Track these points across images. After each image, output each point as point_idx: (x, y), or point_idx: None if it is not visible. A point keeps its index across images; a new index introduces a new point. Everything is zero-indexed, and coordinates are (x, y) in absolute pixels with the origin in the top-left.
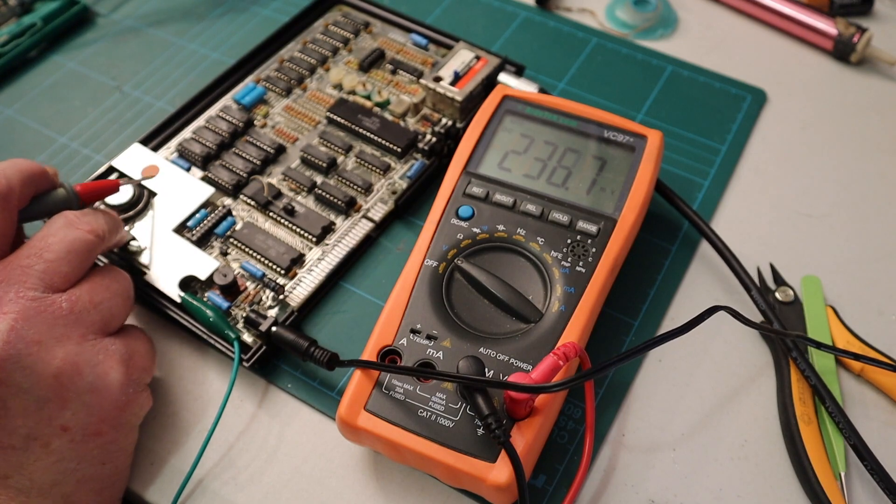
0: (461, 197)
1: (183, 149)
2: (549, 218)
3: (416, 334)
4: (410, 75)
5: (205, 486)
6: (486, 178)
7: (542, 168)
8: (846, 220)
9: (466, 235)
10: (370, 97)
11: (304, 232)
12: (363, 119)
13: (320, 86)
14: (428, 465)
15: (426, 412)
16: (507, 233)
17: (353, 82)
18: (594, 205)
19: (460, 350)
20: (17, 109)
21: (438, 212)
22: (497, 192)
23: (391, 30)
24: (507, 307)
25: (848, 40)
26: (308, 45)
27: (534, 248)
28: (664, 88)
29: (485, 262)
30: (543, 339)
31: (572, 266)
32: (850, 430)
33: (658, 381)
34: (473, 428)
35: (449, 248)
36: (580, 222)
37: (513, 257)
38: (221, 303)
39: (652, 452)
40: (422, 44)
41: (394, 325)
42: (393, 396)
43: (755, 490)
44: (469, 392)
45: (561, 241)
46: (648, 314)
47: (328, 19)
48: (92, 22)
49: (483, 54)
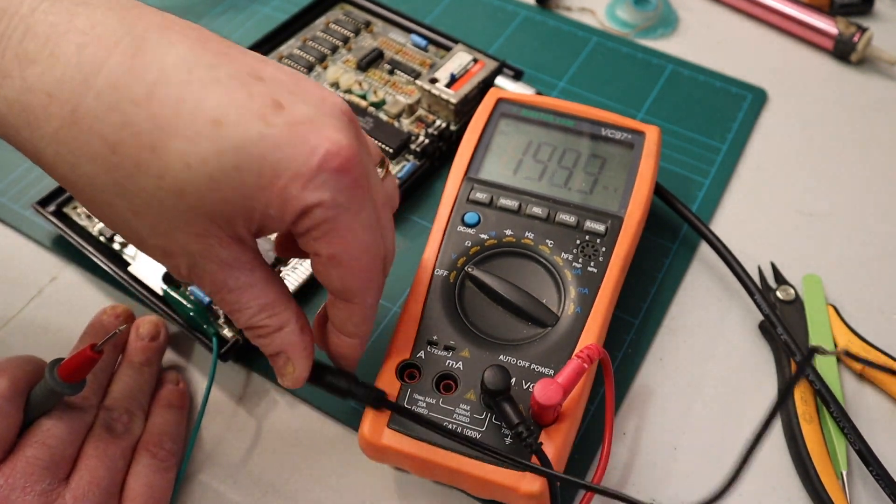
0: (465, 203)
1: None
2: (556, 220)
3: (433, 346)
4: (408, 76)
5: (192, 478)
6: (489, 182)
7: (542, 170)
8: (847, 219)
9: (474, 242)
10: (366, 97)
11: None
12: (357, 118)
13: None
14: (457, 478)
15: (451, 425)
16: (516, 237)
17: (349, 81)
18: (599, 204)
19: (480, 359)
20: None
21: (444, 219)
22: (501, 197)
23: (392, 29)
24: (522, 312)
25: (848, 40)
26: (308, 43)
27: (543, 251)
28: (664, 88)
29: (496, 268)
30: (562, 343)
31: (584, 267)
32: (855, 434)
33: (659, 379)
34: (501, 437)
35: (458, 257)
36: (587, 222)
37: (523, 262)
38: (203, 297)
39: (653, 451)
40: (421, 45)
41: (409, 339)
42: (416, 411)
43: (756, 489)
44: (496, 401)
45: (570, 242)
46: (649, 313)
47: (329, 17)
48: None
49: (481, 57)
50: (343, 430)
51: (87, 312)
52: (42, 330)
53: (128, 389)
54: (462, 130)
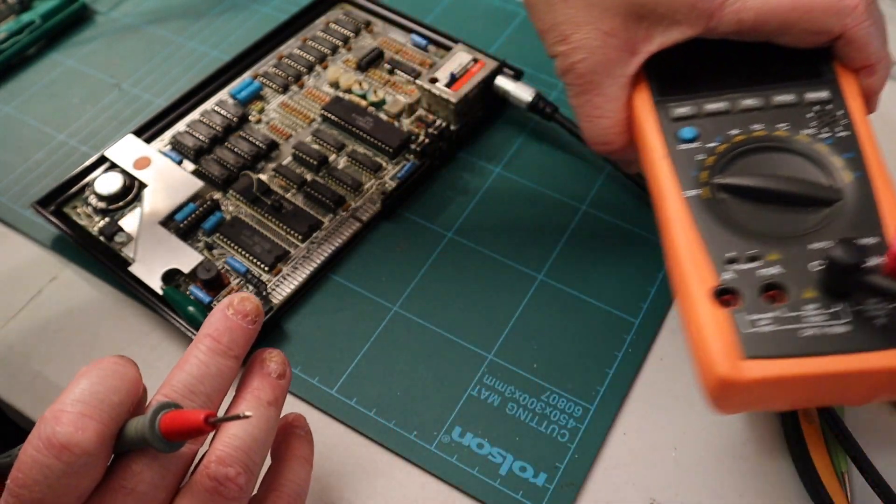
0: (673, 123)
1: (176, 141)
2: (774, 103)
3: (734, 262)
4: (408, 76)
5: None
6: (680, 97)
7: (729, 70)
8: None
9: (707, 153)
10: (366, 96)
11: (290, 229)
12: (357, 118)
13: (317, 83)
14: (845, 387)
15: (810, 330)
16: (745, 134)
17: (349, 81)
18: (796, 77)
19: (792, 256)
20: (15, 107)
21: (659, 145)
22: (705, 103)
23: (392, 29)
24: (800, 199)
25: None
26: (308, 43)
27: (781, 136)
28: None
29: (744, 171)
30: (861, 209)
31: (833, 134)
32: (851, 442)
33: (659, 379)
34: (869, 320)
35: (698, 172)
36: (807, 93)
37: (767, 155)
38: (203, 297)
39: (653, 451)
40: (421, 44)
41: (703, 266)
42: (760, 332)
43: (757, 489)
44: (856, 279)
45: (801, 118)
46: (649, 312)
47: (330, 17)
48: (91, 19)
49: (481, 57)
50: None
51: (87, 312)
52: (42, 330)
53: (251, 438)
54: (462, 130)
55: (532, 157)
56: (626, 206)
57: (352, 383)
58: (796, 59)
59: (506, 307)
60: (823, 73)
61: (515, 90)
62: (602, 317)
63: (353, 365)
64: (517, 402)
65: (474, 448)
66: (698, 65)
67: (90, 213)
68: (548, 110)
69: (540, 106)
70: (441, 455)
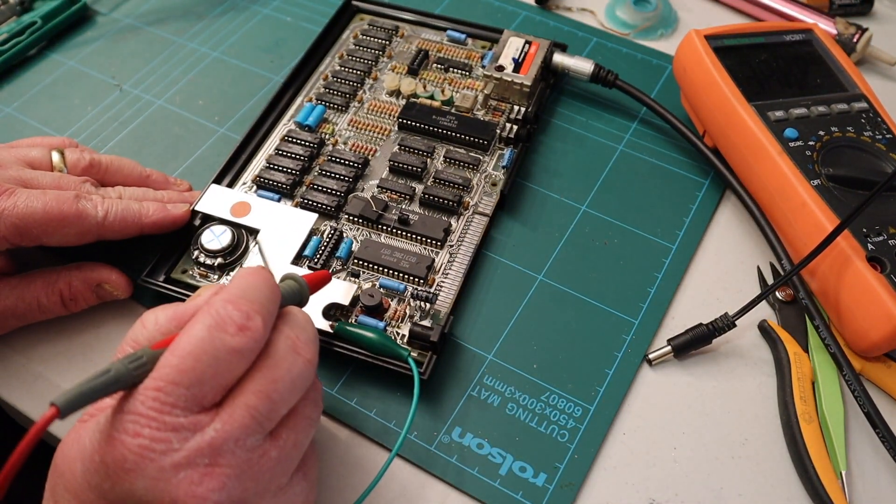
0: (774, 125)
1: (262, 180)
2: (836, 111)
3: (875, 235)
4: (461, 70)
5: None
6: (769, 104)
7: (783, 81)
8: None
9: (810, 150)
10: (434, 97)
11: (426, 238)
12: (439, 119)
13: (375, 94)
14: None
15: None
16: (828, 135)
17: (410, 86)
18: (837, 90)
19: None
20: (16, 107)
21: (772, 144)
22: (789, 108)
23: (422, 30)
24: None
25: (848, 40)
26: (345, 58)
27: (852, 137)
28: (664, 87)
29: (837, 164)
30: None
31: (884, 136)
32: (865, 397)
33: (659, 379)
34: None
35: (812, 166)
36: (853, 103)
37: (850, 152)
38: (377, 324)
39: (652, 451)
40: (460, 39)
41: (852, 241)
42: None
43: (756, 489)
44: None
45: (858, 123)
46: (649, 312)
47: (355, 30)
48: (92, 20)
49: (533, 38)
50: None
51: (88, 313)
52: (42, 329)
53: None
54: (533, 112)
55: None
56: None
57: (352, 383)
58: (824, 76)
59: (505, 307)
60: (849, 88)
61: (575, 64)
62: (601, 316)
63: (353, 366)
64: (517, 402)
65: (474, 448)
66: (762, 74)
67: (204, 273)
68: (610, 77)
69: (602, 74)
70: (441, 455)
